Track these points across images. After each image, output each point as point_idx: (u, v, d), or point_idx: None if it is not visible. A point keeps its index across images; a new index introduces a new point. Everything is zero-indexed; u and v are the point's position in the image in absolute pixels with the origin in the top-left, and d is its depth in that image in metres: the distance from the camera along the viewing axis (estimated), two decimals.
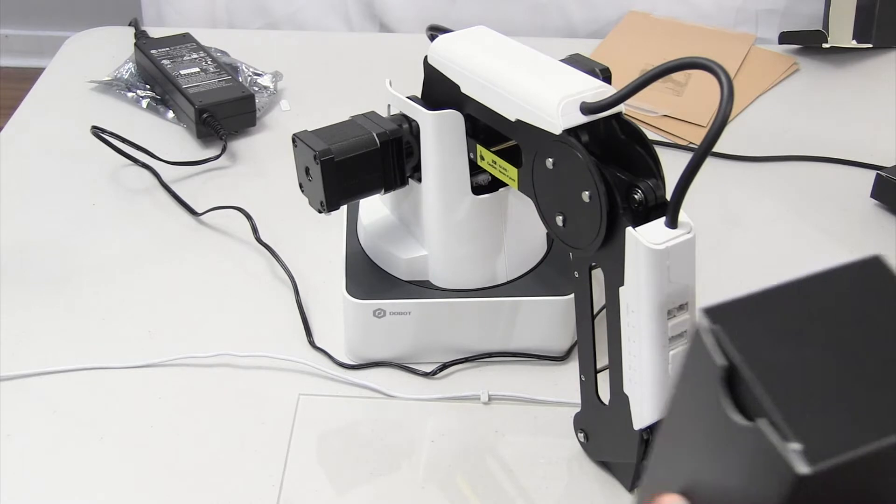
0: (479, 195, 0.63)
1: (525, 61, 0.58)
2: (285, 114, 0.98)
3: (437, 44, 0.61)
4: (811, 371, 0.29)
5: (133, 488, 0.59)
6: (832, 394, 0.28)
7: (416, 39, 0.67)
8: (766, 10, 1.20)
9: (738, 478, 0.30)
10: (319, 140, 0.59)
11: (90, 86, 1.00)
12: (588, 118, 0.51)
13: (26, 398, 0.65)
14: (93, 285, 0.75)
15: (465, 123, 0.60)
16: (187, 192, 0.84)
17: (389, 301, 0.64)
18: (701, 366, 0.30)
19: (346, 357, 0.68)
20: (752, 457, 0.29)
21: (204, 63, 0.98)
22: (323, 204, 0.60)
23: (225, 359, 0.67)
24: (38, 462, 0.60)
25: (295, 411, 0.64)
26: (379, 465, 0.61)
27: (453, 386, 0.66)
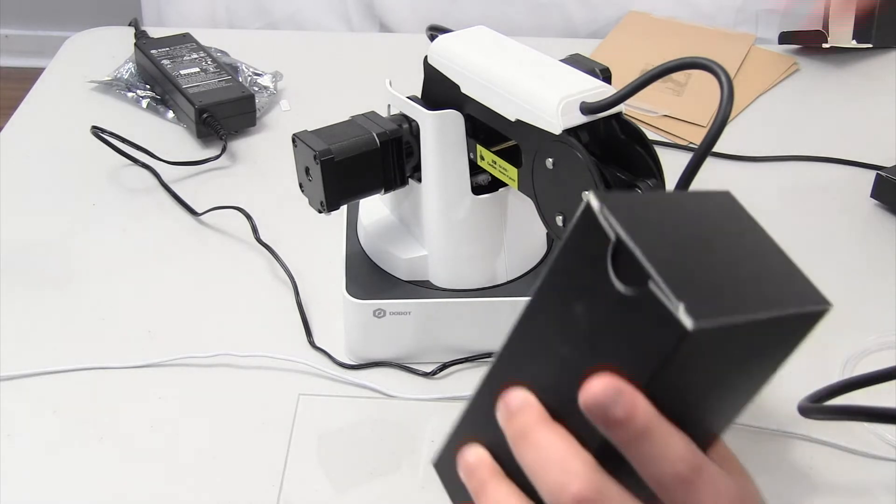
0: (479, 195, 0.63)
1: (525, 61, 0.58)
2: (285, 114, 0.98)
3: (437, 44, 0.61)
4: (687, 254, 0.32)
5: (133, 488, 0.59)
6: (706, 273, 0.31)
7: (416, 39, 0.67)
8: (766, 10, 1.19)
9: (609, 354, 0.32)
10: (319, 140, 0.59)
11: (90, 86, 1.00)
12: (588, 118, 0.52)
13: (26, 398, 0.65)
14: (93, 285, 0.75)
15: (465, 123, 0.60)
16: (187, 192, 0.84)
17: (389, 301, 0.64)
18: (585, 244, 0.32)
19: (346, 357, 0.68)
20: (635, 324, 0.31)
21: (204, 63, 0.97)
22: (323, 204, 0.60)
23: (225, 359, 0.67)
24: (38, 462, 0.60)
25: (295, 411, 0.64)
26: (379, 465, 0.61)
27: (453, 386, 0.66)
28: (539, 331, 0.36)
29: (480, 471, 0.39)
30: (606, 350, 0.32)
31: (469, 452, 0.40)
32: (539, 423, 0.35)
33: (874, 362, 0.67)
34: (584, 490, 0.33)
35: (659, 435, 0.33)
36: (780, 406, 0.62)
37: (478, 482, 0.38)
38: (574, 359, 0.34)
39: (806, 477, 0.60)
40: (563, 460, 0.34)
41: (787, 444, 0.62)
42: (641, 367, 0.31)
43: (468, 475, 0.39)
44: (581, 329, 0.33)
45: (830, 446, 0.62)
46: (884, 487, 0.59)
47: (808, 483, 0.60)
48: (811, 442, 0.62)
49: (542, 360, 0.36)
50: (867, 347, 0.68)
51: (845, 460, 0.61)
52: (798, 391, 0.56)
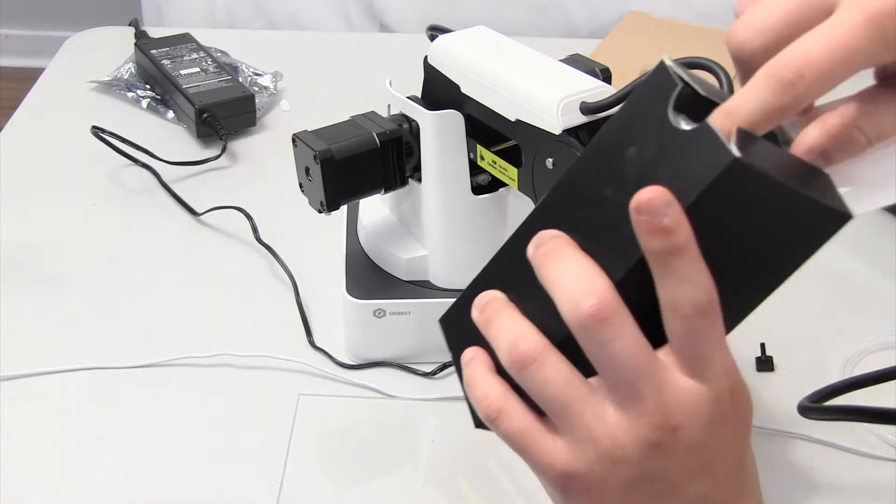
0: (479, 195, 0.63)
1: (525, 61, 0.58)
2: (285, 114, 0.98)
3: (437, 44, 0.61)
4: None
5: (133, 488, 0.59)
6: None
7: (416, 39, 0.67)
8: None
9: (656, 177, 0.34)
10: (319, 140, 0.59)
11: (90, 86, 1.00)
12: (588, 118, 0.52)
13: (26, 398, 0.65)
14: (93, 285, 0.75)
15: (465, 123, 0.60)
16: (187, 192, 0.84)
17: (389, 301, 0.64)
18: (650, 95, 0.36)
19: (346, 357, 0.68)
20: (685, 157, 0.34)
21: (204, 63, 0.97)
22: (323, 204, 0.60)
23: (225, 359, 0.67)
24: (38, 462, 0.60)
25: (295, 411, 0.64)
26: (379, 465, 0.61)
27: (453, 386, 0.66)
28: (582, 183, 0.38)
29: (494, 303, 0.39)
30: (651, 184, 0.34)
31: (485, 293, 0.40)
32: (570, 246, 0.37)
33: (874, 362, 0.67)
34: (601, 305, 0.34)
35: (693, 257, 0.33)
36: (780, 406, 0.62)
37: (491, 312, 0.39)
38: (618, 197, 0.35)
39: (806, 477, 0.60)
40: (587, 277, 0.35)
41: (787, 444, 0.62)
42: (687, 191, 0.33)
43: (481, 309, 0.40)
44: (630, 169, 0.35)
45: (830, 446, 0.62)
46: (884, 487, 0.59)
47: (808, 483, 0.60)
48: (811, 442, 0.62)
49: (580, 209, 0.37)
50: (867, 347, 0.68)
51: (845, 460, 0.61)
52: (798, 391, 0.56)
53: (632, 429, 0.36)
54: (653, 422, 0.35)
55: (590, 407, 0.36)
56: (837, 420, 0.57)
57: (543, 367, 0.36)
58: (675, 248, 0.33)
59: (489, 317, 0.39)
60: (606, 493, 0.37)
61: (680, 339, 0.35)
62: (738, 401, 0.37)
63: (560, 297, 0.35)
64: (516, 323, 0.38)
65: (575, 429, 0.37)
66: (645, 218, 0.33)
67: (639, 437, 0.36)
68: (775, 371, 0.66)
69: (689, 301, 0.34)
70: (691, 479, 0.38)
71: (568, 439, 0.37)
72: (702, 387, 0.36)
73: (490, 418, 0.39)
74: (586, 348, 0.35)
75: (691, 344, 0.35)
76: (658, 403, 0.35)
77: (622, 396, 0.36)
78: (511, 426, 0.38)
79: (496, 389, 0.39)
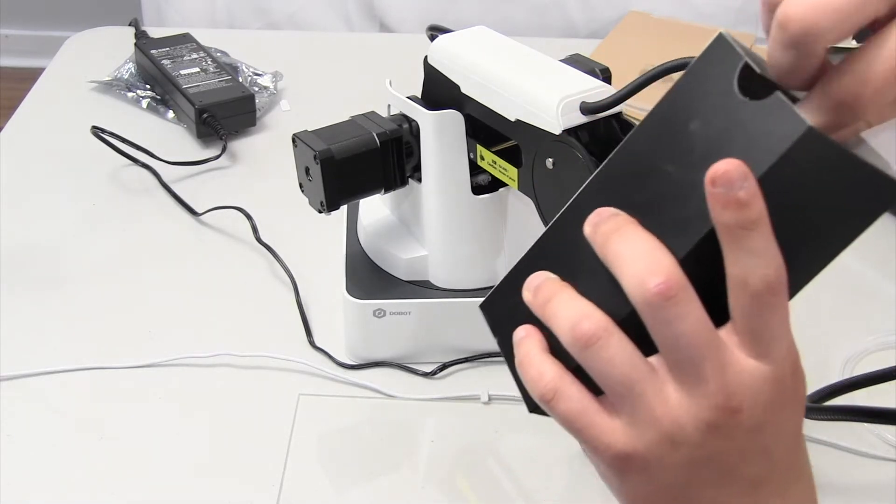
0: (479, 195, 0.63)
1: (525, 61, 0.58)
2: (285, 114, 0.98)
3: (437, 44, 0.61)
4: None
5: (133, 488, 0.59)
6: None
7: (416, 39, 0.67)
8: None
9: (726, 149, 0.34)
10: (319, 140, 0.59)
11: (90, 86, 1.00)
12: (588, 118, 0.52)
13: (26, 398, 0.65)
14: (93, 285, 0.75)
15: (465, 123, 0.60)
16: (187, 192, 0.84)
17: (389, 301, 0.64)
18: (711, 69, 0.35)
19: (346, 357, 0.68)
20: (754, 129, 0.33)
21: (204, 63, 0.97)
22: (323, 204, 0.60)
23: (225, 359, 0.67)
24: (38, 462, 0.60)
25: (295, 411, 0.64)
26: (379, 465, 0.61)
27: (453, 386, 0.66)
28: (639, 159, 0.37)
29: (550, 283, 0.39)
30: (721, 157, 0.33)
31: (536, 274, 0.40)
32: (633, 224, 0.36)
33: (874, 362, 0.67)
34: (669, 283, 0.34)
35: (765, 232, 0.33)
36: None
37: (548, 292, 0.38)
38: (682, 172, 0.35)
39: None
40: (653, 254, 0.35)
41: None
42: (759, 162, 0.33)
43: (534, 291, 0.39)
44: (695, 143, 0.35)
45: (830, 446, 0.62)
46: (884, 487, 0.59)
47: None
48: (811, 442, 0.62)
49: (638, 185, 0.37)
50: (867, 347, 0.68)
51: (845, 460, 0.61)
52: None
53: (693, 410, 0.35)
54: (715, 403, 0.35)
55: (652, 387, 0.36)
56: (837, 420, 0.57)
57: (608, 346, 0.36)
58: (749, 221, 0.33)
59: (547, 296, 0.38)
60: (664, 474, 0.37)
61: (746, 317, 0.35)
62: (798, 381, 0.37)
63: (625, 275, 0.35)
64: (577, 301, 0.37)
65: (636, 409, 0.36)
66: (721, 190, 0.33)
67: (700, 418, 0.35)
68: None
69: (760, 276, 0.33)
70: (749, 460, 0.37)
71: (627, 420, 0.37)
72: (765, 367, 0.35)
73: (546, 399, 0.38)
74: (651, 327, 0.35)
75: (758, 322, 0.35)
76: (721, 384, 0.35)
77: (685, 376, 0.35)
78: (569, 407, 0.38)
79: (552, 369, 0.38)
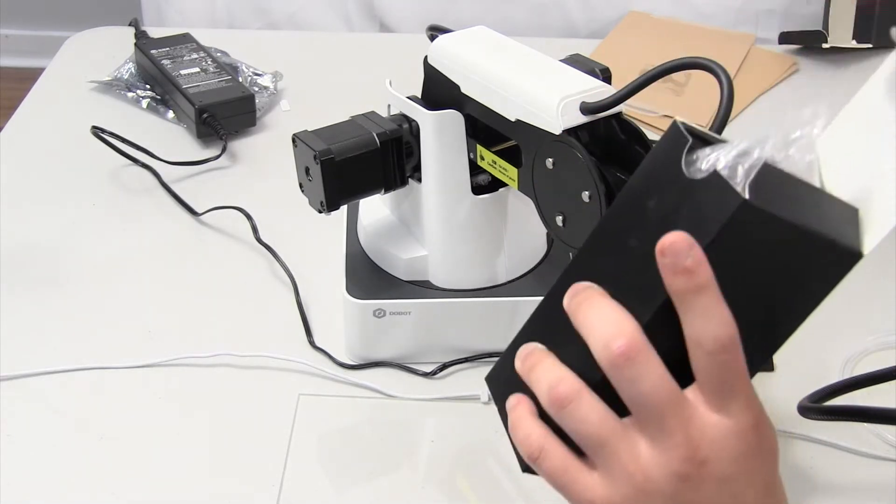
0: (479, 195, 0.63)
1: (525, 61, 0.58)
2: (285, 114, 0.98)
3: (437, 44, 0.61)
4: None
5: (133, 488, 0.59)
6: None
7: (416, 39, 0.67)
8: (766, 10, 1.19)
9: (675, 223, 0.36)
10: (319, 140, 0.59)
11: (90, 86, 1.00)
12: (588, 118, 0.52)
13: (26, 398, 0.65)
14: (93, 285, 0.75)
15: (465, 123, 0.60)
16: (187, 192, 0.84)
17: (389, 301, 0.64)
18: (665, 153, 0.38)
19: (346, 357, 0.68)
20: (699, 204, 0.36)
21: (204, 63, 0.97)
22: (323, 204, 0.60)
23: (225, 359, 0.67)
24: (38, 462, 0.60)
25: (295, 411, 0.64)
26: (379, 465, 0.61)
27: (453, 386, 0.66)
28: (608, 236, 0.41)
29: (535, 353, 0.42)
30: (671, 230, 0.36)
31: (526, 345, 0.43)
32: (602, 295, 0.40)
33: (874, 362, 0.67)
34: (630, 345, 0.37)
35: (714, 295, 0.36)
36: (780, 406, 0.62)
37: (532, 360, 0.42)
38: (642, 246, 0.38)
39: (806, 477, 0.60)
40: (618, 320, 0.38)
41: (787, 444, 0.62)
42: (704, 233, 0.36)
43: (523, 359, 0.42)
44: (651, 219, 0.38)
45: (830, 446, 0.62)
46: (884, 487, 0.59)
47: (808, 483, 0.60)
48: (811, 442, 0.62)
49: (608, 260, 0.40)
50: (867, 347, 0.68)
51: (845, 460, 0.61)
52: (798, 391, 0.56)
53: (662, 462, 0.38)
54: (681, 455, 0.38)
55: (624, 443, 0.39)
56: (837, 420, 0.57)
57: (580, 407, 0.39)
58: (697, 286, 0.36)
59: (531, 364, 0.42)
60: None
61: (704, 373, 0.37)
62: (763, 433, 0.39)
63: (592, 339, 0.38)
64: (555, 367, 0.41)
65: (611, 464, 0.39)
66: (669, 260, 0.36)
67: (669, 470, 0.38)
68: (775, 371, 0.66)
69: (712, 336, 0.36)
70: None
71: (605, 475, 0.40)
72: (727, 420, 0.38)
73: (532, 457, 0.41)
74: (617, 386, 0.38)
75: (715, 377, 0.37)
76: (686, 437, 0.38)
77: (652, 431, 0.38)
78: (552, 464, 0.41)
79: (538, 430, 0.41)
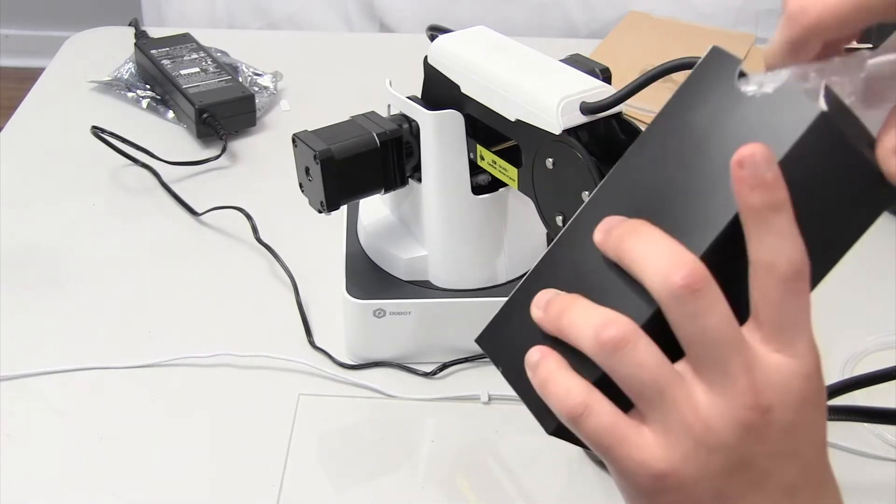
0: (479, 195, 0.63)
1: (525, 61, 0.58)
2: (285, 114, 0.98)
3: (437, 44, 0.61)
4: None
5: (133, 488, 0.59)
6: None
7: (416, 39, 0.67)
8: (766, 10, 1.20)
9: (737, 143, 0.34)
10: (319, 140, 0.59)
11: (90, 86, 1.00)
12: (588, 118, 0.52)
13: (26, 398, 0.65)
14: (93, 285, 0.75)
15: (465, 123, 0.60)
16: (187, 192, 0.84)
17: (389, 301, 0.64)
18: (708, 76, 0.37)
19: (346, 357, 0.68)
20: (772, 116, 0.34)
21: (204, 63, 0.97)
22: (323, 204, 0.60)
23: (225, 359, 0.67)
24: (38, 462, 0.60)
25: (295, 411, 0.64)
26: (379, 465, 0.61)
27: (453, 386, 0.66)
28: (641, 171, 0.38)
29: (560, 298, 0.38)
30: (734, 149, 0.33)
31: (542, 292, 0.38)
32: (647, 224, 0.36)
33: (874, 362, 0.67)
34: (694, 276, 0.33)
35: (790, 216, 0.33)
36: None
37: (560, 305, 0.37)
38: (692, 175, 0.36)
39: None
40: (675, 250, 0.34)
41: None
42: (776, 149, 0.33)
43: (544, 307, 0.38)
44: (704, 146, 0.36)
45: (830, 446, 0.61)
46: (884, 487, 0.59)
47: None
48: None
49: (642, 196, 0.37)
50: (867, 347, 0.68)
51: (845, 460, 0.61)
52: None
53: (725, 411, 0.34)
54: (745, 401, 0.34)
55: (682, 392, 0.35)
56: (837, 420, 0.57)
57: (636, 350, 0.34)
58: (777, 202, 0.33)
59: (559, 310, 0.37)
60: (698, 488, 0.36)
61: (771, 305, 0.34)
62: (822, 379, 0.36)
63: (647, 272, 0.34)
64: (596, 309, 0.36)
65: (668, 416, 0.35)
66: (748, 172, 0.32)
67: (733, 418, 0.34)
68: None
69: (788, 259, 0.33)
70: (781, 465, 0.36)
71: (659, 430, 0.35)
72: (792, 362, 0.35)
73: (574, 414, 0.36)
74: (676, 323, 0.34)
75: (784, 310, 0.34)
76: (749, 382, 0.34)
77: (712, 376, 0.34)
78: (599, 421, 0.36)
79: (579, 384, 0.36)
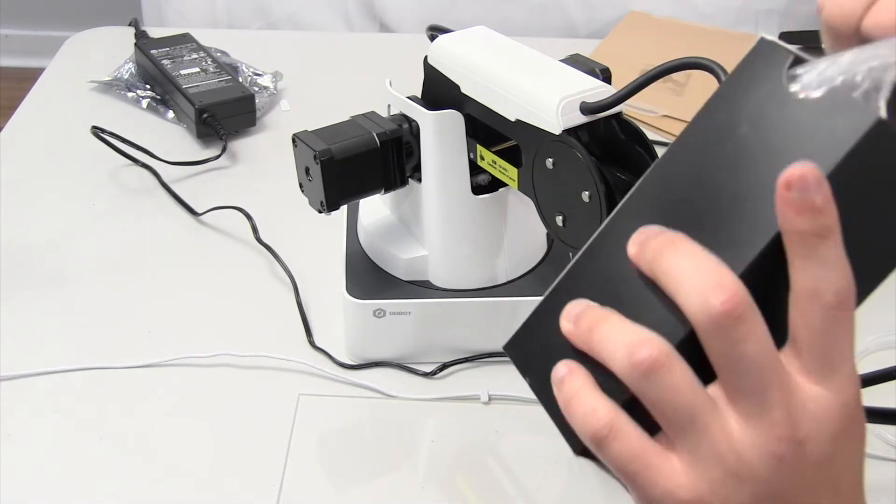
0: (479, 195, 0.63)
1: (525, 61, 0.58)
2: (285, 114, 0.98)
3: (437, 44, 0.61)
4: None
5: (133, 488, 0.59)
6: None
7: (416, 39, 0.67)
8: (766, 10, 1.19)
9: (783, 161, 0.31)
10: (319, 140, 0.59)
11: (90, 86, 1.00)
12: (588, 118, 0.52)
13: (26, 398, 0.65)
14: (93, 285, 0.75)
15: (465, 123, 0.60)
16: (187, 192, 0.84)
17: (389, 301, 0.64)
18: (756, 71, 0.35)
19: (346, 357, 0.68)
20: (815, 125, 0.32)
21: (204, 63, 0.97)
22: (323, 204, 0.60)
23: (225, 359, 0.67)
24: (38, 462, 0.60)
25: (295, 411, 0.64)
26: (379, 465, 0.61)
27: (453, 386, 0.66)
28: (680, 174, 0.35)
29: (592, 311, 0.35)
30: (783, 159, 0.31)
31: (574, 303, 0.36)
32: (684, 237, 0.33)
33: (874, 362, 0.67)
34: (736, 300, 0.31)
35: (838, 241, 0.31)
36: None
37: (591, 320, 0.35)
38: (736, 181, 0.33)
39: None
40: (714, 269, 0.32)
41: None
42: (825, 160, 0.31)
43: (575, 320, 0.35)
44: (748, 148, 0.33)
45: None
46: (884, 487, 0.59)
47: None
48: None
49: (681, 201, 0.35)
50: (867, 347, 0.68)
51: None
52: None
53: (758, 442, 0.33)
54: (780, 434, 0.32)
55: (715, 419, 0.33)
56: None
57: (671, 373, 0.32)
58: (825, 228, 0.30)
59: (591, 324, 0.35)
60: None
61: (814, 335, 0.32)
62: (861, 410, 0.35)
63: (684, 292, 0.32)
64: (630, 326, 0.34)
65: (699, 445, 0.33)
66: (796, 195, 0.30)
67: (766, 451, 0.33)
68: None
69: (833, 288, 0.31)
70: (813, 497, 0.35)
71: (687, 458, 0.33)
72: (830, 394, 0.33)
73: (599, 437, 0.34)
74: (712, 349, 0.32)
75: (827, 340, 0.32)
76: (786, 413, 0.32)
77: (748, 406, 0.32)
78: (624, 446, 0.34)
79: (605, 405, 0.34)
